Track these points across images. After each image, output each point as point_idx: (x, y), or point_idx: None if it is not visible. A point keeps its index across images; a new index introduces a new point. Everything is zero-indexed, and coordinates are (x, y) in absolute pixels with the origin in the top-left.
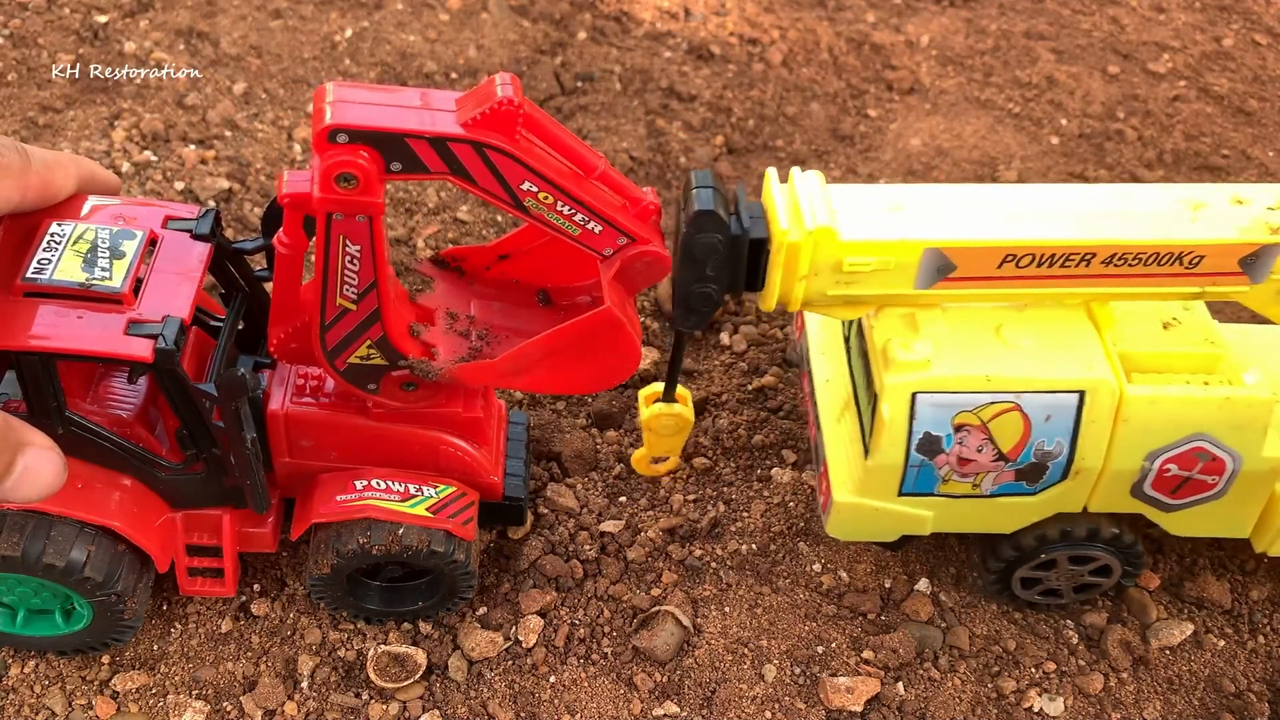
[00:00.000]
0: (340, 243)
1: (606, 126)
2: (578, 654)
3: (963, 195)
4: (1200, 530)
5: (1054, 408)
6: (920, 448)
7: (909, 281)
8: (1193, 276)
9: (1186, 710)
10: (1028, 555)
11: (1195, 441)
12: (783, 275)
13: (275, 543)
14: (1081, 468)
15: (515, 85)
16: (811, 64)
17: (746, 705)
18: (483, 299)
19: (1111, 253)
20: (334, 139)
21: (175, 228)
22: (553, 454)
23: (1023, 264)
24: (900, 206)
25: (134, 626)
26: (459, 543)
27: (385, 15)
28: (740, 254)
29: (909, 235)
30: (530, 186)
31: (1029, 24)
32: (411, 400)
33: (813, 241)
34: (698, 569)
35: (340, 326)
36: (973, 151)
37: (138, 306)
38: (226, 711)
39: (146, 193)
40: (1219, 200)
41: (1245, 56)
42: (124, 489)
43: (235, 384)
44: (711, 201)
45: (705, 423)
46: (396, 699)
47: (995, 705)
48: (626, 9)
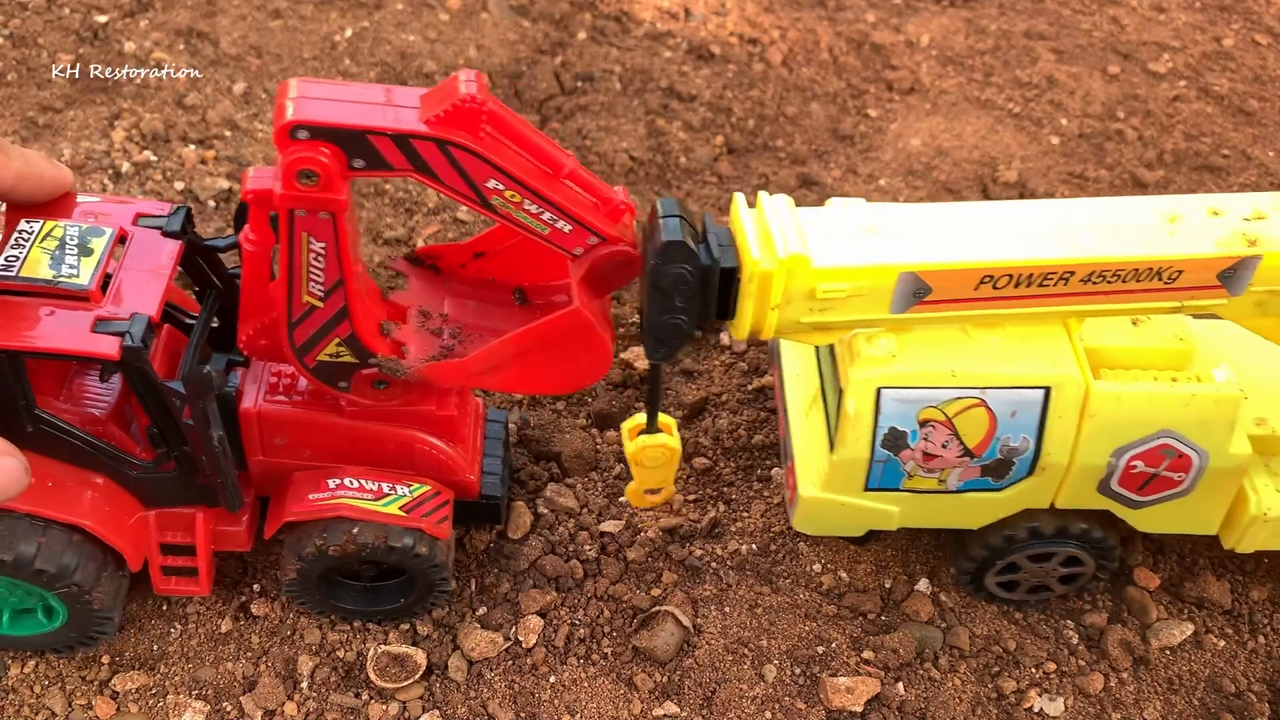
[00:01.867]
0: (304, 240)
1: (606, 126)
2: (578, 654)
3: (938, 215)
4: (1168, 527)
5: (1019, 403)
6: (885, 443)
7: (884, 306)
8: (1171, 291)
9: (1186, 710)
10: (998, 553)
11: (1161, 438)
12: (755, 305)
13: (250, 542)
14: (1048, 464)
15: (480, 82)
16: (811, 64)
17: (746, 705)
18: (457, 297)
19: (1090, 270)
20: (295, 135)
21: (146, 225)
22: (553, 454)
23: (1000, 285)
24: (874, 229)
25: (109, 619)
26: (431, 541)
27: (385, 15)
28: (710, 284)
29: (883, 260)
30: (496, 184)
31: (1029, 24)
32: (383, 398)
33: (785, 270)
34: (698, 569)
35: (308, 324)
36: (973, 151)
37: (105, 304)
38: (226, 711)
39: (146, 193)
40: (1195, 212)
41: (1245, 56)
42: (96, 488)
43: (202, 382)
44: (679, 231)
45: (705, 423)
46: (396, 699)
47: (995, 705)
48: (626, 9)
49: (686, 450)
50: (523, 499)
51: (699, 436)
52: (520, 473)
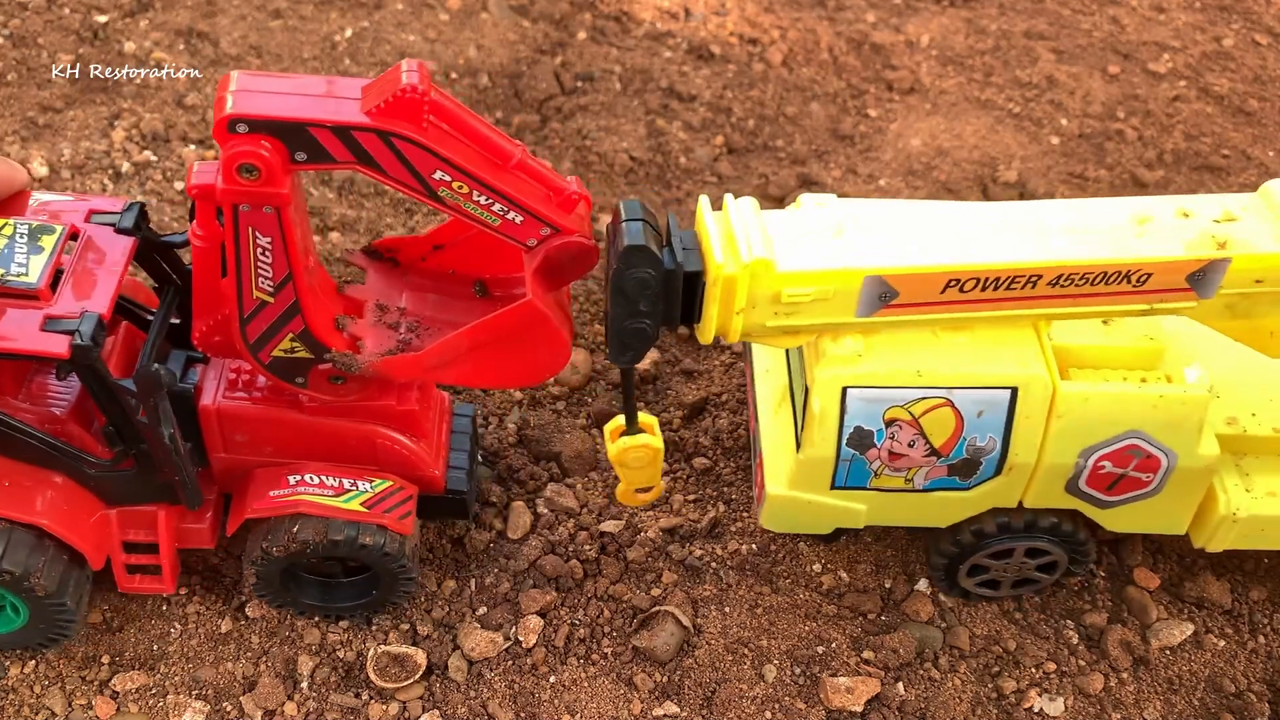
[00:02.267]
0: (250, 234)
1: (606, 126)
2: (578, 654)
3: (906, 215)
4: (1137, 527)
5: (986, 403)
6: (851, 442)
7: (850, 310)
8: (1140, 294)
9: (1186, 710)
10: (968, 550)
11: (1129, 439)
12: (719, 309)
13: (214, 539)
14: (1015, 464)
15: (422, 72)
16: (811, 64)
17: (746, 705)
18: (417, 290)
19: (1058, 274)
20: (234, 129)
21: (99, 222)
22: (553, 454)
23: (967, 288)
24: (840, 230)
25: (73, 619)
26: (391, 536)
27: (385, 15)
28: (675, 288)
29: (848, 264)
30: (443, 176)
31: (1029, 24)
32: (341, 394)
33: (749, 274)
34: (698, 569)
35: (260, 319)
36: (973, 151)
37: (55, 302)
38: (226, 711)
39: (147, 193)
40: (1165, 213)
41: (1245, 56)
42: (55, 487)
43: (152, 380)
44: (642, 235)
45: (705, 423)
46: (396, 699)
47: (995, 705)
48: (626, 9)
49: (686, 450)
50: (523, 499)
51: (699, 436)
52: (520, 473)
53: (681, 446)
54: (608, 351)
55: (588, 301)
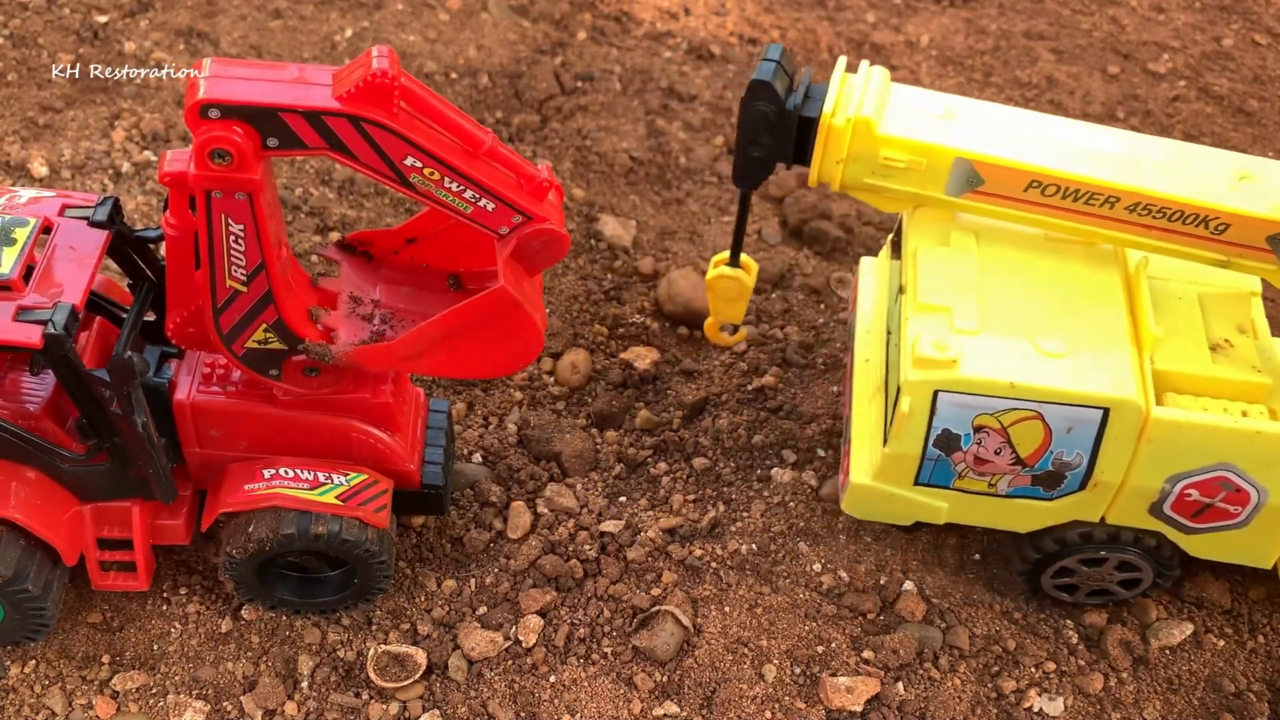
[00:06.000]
0: (223, 222)
1: (606, 126)
2: (578, 654)
3: (1017, 118)
4: (1221, 555)
5: (1076, 420)
6: (938, 443)
7: (939, 186)
8: (1217, 243)
9: (1186, 710)
10: (1051, 557)
11: (1220, 470)
12: (823, 155)
13: (189, 535)
14: (1100, 481)
15: (392, 58)
16: (811, 64)
17: (746, 705)
18: (390, 283)
19: (1135, 200)
20: (206, 114)
21: (73, 215)
22: (553, 454)
23: (1048, 193)
24: (950, 115)
25: (46, 620)
26: (368, 529)
27: (385, 15)
28: (790, 127)
29: (943, 141)
30: (414, 162)
31: (1029, 24)
32: (315, 386)
33: (850, 128)
34: (698, 569)
35: (234, 310)
36: None
37: (28, 293)
38: (226, 711)
39: (147, 193)
40: (1268, 175)
41: (1245, 56)
42: (28, 482)
43: (126, 369)
44: (769, 74)
45: (705, 423)
46: (396, 699)
47: (995, 705)
48: (626, 9)
49: (686, 450)
50: (523, 499)
51: (699, 436)
52: (520, 473)
53: (681, 446)
54: (732, 175)
55: (587, 301)
